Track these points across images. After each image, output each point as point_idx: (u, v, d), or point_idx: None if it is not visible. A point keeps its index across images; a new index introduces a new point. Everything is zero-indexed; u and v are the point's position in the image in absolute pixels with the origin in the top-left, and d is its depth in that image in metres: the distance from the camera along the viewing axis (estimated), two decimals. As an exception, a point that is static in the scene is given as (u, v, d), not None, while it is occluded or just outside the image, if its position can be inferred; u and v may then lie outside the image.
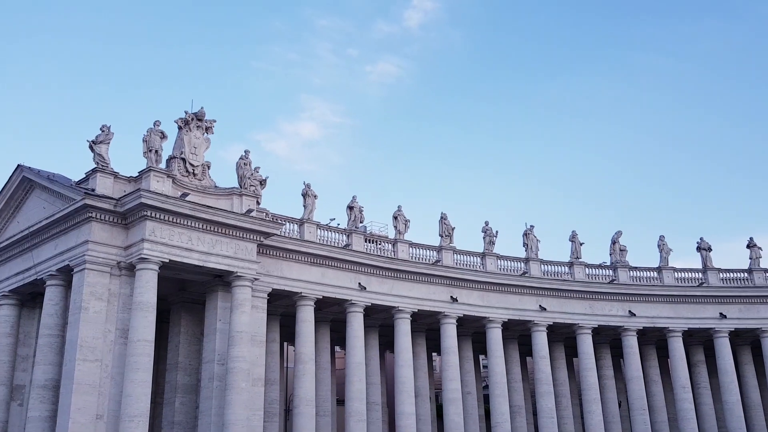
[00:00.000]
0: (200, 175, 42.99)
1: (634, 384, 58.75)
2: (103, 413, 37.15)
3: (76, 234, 39.63)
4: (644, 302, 60.00)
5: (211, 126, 43.88)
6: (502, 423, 53.80)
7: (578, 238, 61.13)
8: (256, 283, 43.28)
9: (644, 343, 62.08)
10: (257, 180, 45.50)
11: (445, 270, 53.85)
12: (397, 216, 54.50)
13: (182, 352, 44.68)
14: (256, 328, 42.99)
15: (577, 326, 58.29)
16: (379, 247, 53.54)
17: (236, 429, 39.38)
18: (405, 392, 50.95)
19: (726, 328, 60.33)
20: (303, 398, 45.98)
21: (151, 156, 40.36)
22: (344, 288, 49.29)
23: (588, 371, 58.02)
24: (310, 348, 47.25)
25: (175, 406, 43.55)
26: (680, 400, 59.05)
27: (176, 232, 39.81)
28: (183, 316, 45.68)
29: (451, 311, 53.66)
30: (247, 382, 40.74)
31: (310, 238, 48.39)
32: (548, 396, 56.44)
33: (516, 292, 56.65)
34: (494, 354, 55.29)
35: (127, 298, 39.02)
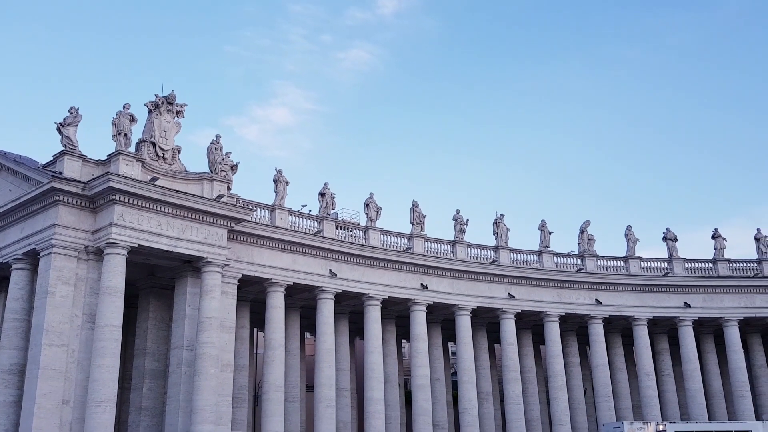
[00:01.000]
0: (170, 159, 42.49)
1: (599, 371, 59.57)
2: (70, 398, 36.82)
3: (43, 217, 39.03)
4: (611, 291, 60.73)
5: (182, 110, 43.37)
6: (469, 409, 54.29)
7: (547, 227, 61.65)
8: (226, 269, 43.02)
9: (610, 331, 62.90)
10: (228, 165, 45.13)
11: (415, 257, 54.00)
12: (368, 203, 54.47)
13: (150, 338, 44.31)
14: (225, 314, 42.79)
15: (544, 314, 58.88)
16: (350, 234, 53.46)
17: (204, 414, 39.25)
18: (374, 378, 51.15)
19: (690, 317, 61.34)
20: (272, 384, 45.93)
21: (120, 139, 39.79)
22: (315, 275, 49.19)
23: (555, 358, 58.72)
24: (279, 334, 47.18)
25: (143, 392, 43.23)
26: (644, 387, 60.00)
27: (145, 216, 39.38)
28: (151, 301, 45.26)
29: (421, 298, 53.88)
30: (216, 368, 40.57)
31: (281, 224, 48.18)
32: (515, 382, 57.04)
33: (485, 280, 57.02)
34: (463, 341, 55.68)
35: (95, 282, 38.57)
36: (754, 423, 56.02)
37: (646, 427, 53.03)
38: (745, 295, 62.38)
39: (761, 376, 64.64)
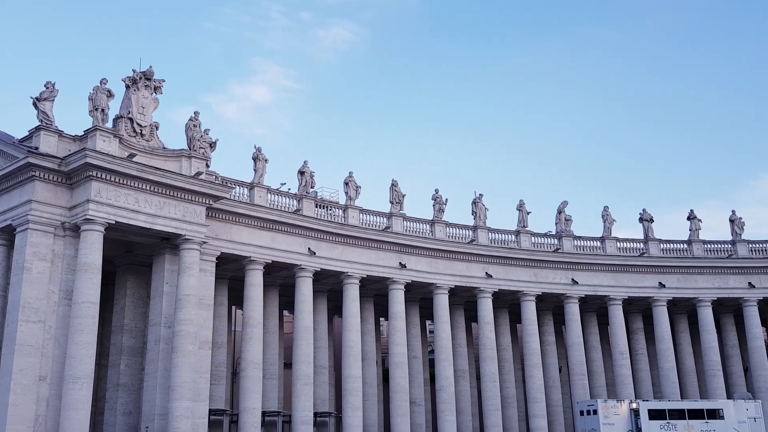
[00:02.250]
0: (148, 135, 42.17)
1: (574, 350, 60.35)
2: (47, 374, 36.74)
3: (19, 193, 38.65)
4: (587, 271, 61.39)
5: (160, 86, 42.97)
6: (446, 387, 54.87)
7: (525, 208, 62.02)
8: (205, 247, 42.95)
9: (586, 310, 63.65)
10: (207, 142, 44.86)
11: (394, 236, 54.19)
12: (348, 182, 54.47)
13: (128, 315, 44.20)
14: (203, 291, 42.79)
15: (521, 293, 59.42)
16: (329, 213, 53.47)
17: (182, 391, 39.36)
18: (352, 356, 51.49)
19: (664, 297, 62.20)
20: (250, 361, 46.09)
21: (98, 115, 39.39)
22: (294, 253, 49.23)
23: (531, 337, 59.38)
24: (258, 312, 47.28)
25: (121, 368, 43.20)
26: (618, 366, 60.91)
27: (123, 193, 39.14)
28: (129, 278, 45.08)
29: (399, 277, 54.15)
30: (194, 345, 40.64)
31: (260, 202, 48.10)
32: (491, 361, 57.65)
33: (463, 259, 57.37)
34: (440, 320, 56.11)
35: (72, 259, 38.35)
36: (725, 401, 57.07)
37: (619, 405, 53.80)
38: (718, 276, 63.32)
39: (733, 355, 65.81)
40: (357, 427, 50.14)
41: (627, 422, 52.98)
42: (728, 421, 54.50)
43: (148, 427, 40.63)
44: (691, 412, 54.80)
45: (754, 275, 63.20)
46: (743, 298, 62.99)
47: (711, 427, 54.11)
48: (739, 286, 63.08)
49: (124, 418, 42.67)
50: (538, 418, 58.04)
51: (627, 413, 53.35)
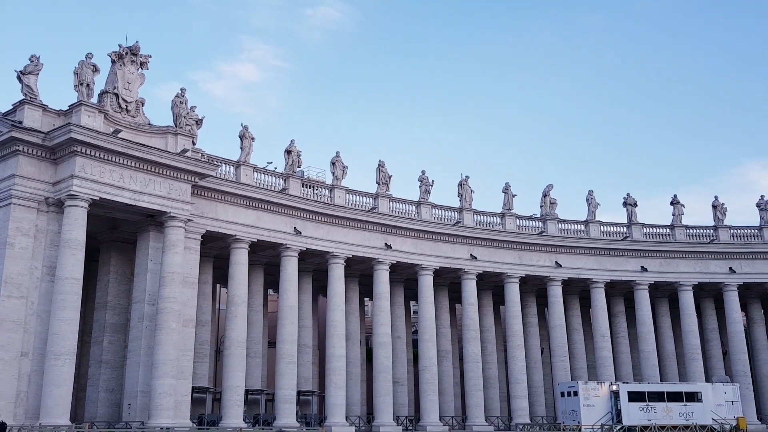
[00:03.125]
0: (134, 111, 41.62)
1: (556, 332, 60.71)
2: (29, 350, 36.42)
3: (2, 167, 38.06)
4: (570, 254, 61.67)
5: (146, 61, 42.34)
6: (429, 367, 55.06)
7: (511, 190, 62.06)
8: (190, 225, 42.63)
9: (568, 293, 63.98)
10: (193, 119, 44.34)
11: (380, 217, 54.06)
12: (335, 162, 54.18)
13: (111, 292, 43.90)
14: (188, 269, 42.53)
15: (505, 275, 59.59)
16: (315, 193, 53.19)
17: (166, 369, 39.22)
18: (336, 335, 51.50)
19: (646, 281, 62.61)
20: (234, 340, 45.98)
21: (83, 90, 38.79)
22: (279, 232, 48.99)
23: (514, 318, 59.63)
24: (242, 290, 47.08)
25: (104, 345, 42.96)
26: (599, 348, 61.36)
27: (107, 169, 38.69)
28: (113, 255, 44.73)
29: (384, 258, 54.10)
30: (177, 323, 40.45)
31: (246, 180, 47.74)
32: (474, 341, 57.89)
33: (449, 240, 57.38)
34: (425, 300, 56.19)
35: (55, 235, 37.91)
36: (703, 384, 57.67)
37: (599, 387, 54.19)
38: (700, 261, 63.75)
39: (712, 339, 66.47)
40: (340, 406, 50.26)
41: (607, 404, 53.41)
42: (706, 404, 55.07)
43: (131, 404, 40.51)
44: (670, 394, 55.29)
45: (735, 260, 63.70)
46: (724, 283, 63.51)
47: (689, 409, 54.64)
48: (720, 271, 63.55)
49: (106, 395, 42.51)
50: (520, 399, 58.48)
51: (607, 395, 53.76)
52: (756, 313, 67.29)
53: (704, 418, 54.10)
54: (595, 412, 52.51)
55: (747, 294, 66.09)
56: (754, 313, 67.37)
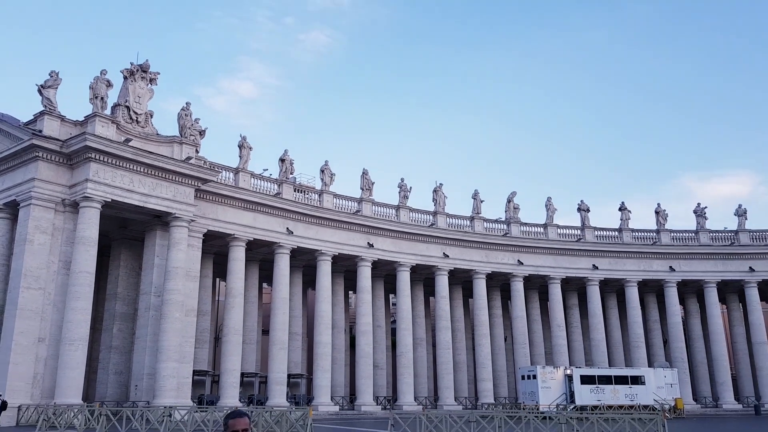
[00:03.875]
0: (143, 122, 41.05)
1: (518, 322, 60.72)
2: (45, 336, 35.79)
3: (23, 171, 37.44)
4: (531, 253, 61.72)
5: (155, 78, 41.80)
6: (405, 353, 54.84)
7: (479, 196, 62.01)
8: (193, 224, 42.10)
9: (529, 287, 64.02)
10: (197, 130, 43.84)
11: (364, 219, 53.77)
12: (323, 169, 53.82)
13: (121, 284, 43.26)
14: (190, 264, 42.00)
15: (474, 272, 59.52)
16: (306, 197, 52.86)
17: (169, 353, 38.73)
18: (323, 324, 51.12)
19: (597, 278, 62.84)
20: (232, 328, 45.47)
21: (97, 102, 38.24)
22: (273, 232, 48.57)
23: (480, 310, 59.56)
24: (239, 284, 46.60)
25: (113, 332, 42.32)
26: (555, 337, 61.47)
27: (119, 174, 38.12)
28: (123, 251, 44.10)
29: (367, 255, 53.81)
30: (180, 313, 39.92)
31: (244, 185, 47.27)
32: (446, 330, 57.75)
33: (424, 240, 57.22)
34: (402, 293, 55.97)
35: (71, 233, 37.30)
36: (646, 369, 57.90)
37: (555, 371, 54.20)
38: (644, 260, 64.10)
39: (654, 329, 66.86)
40: (326, 387, 49.90)
41: (562, 386, 53.43)
42: (648, 386, 55.27)
43: (137, 386, 39.92)
44: (617, 378, 55.41)
45: (674, 260, 64.13)
46: (665, 280, 63.89)
47: (634, 391, 54.82)
48: (661, 269, 63.96)
49: (115, 377, 41.88)
50: (485, 381, 58.43)
51: (562, 378, 53.75)
52: (692, 307, 67.78)
53: (647, 398, 54.28)
54: (552, 393, 52.50)
55: (685, 290, 66.55)
56: (691, 306, 67.86)
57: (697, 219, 66.08)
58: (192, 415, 30.63)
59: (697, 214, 66.26)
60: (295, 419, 28.47)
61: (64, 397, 34.09)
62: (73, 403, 33.31)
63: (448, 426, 26.81)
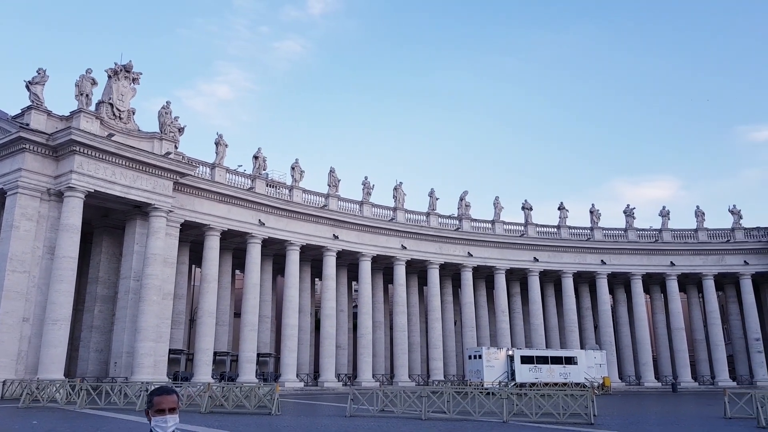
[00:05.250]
0: (126, 119, 40.14)
1: (467, 308, 61.31)
2: (30, 316, 34.84)
3: (11, 162, 36.26)
4: (480, 246, 62.33)
5: (138, 77, 40.89)
6: (365, 334, 54.93)
7: (435, 194, 62.33)
8: (171, 215, 41.40)
9: (477, 277, 64.70)
10: (176, 127, 43.02)
11: (330, 213, 53.58)
12: (294, 167, 53.44)
13: (102, 269, 42.29)
14: (168, 251, 41.30)
15: (428, 262, 59.86)
16: (277, 191, 52.39)
17: (147, 333, 38.08)
18: (291, 308, 50.84)
19: (537, 269, 63.82)
20: (206, 310, 44.89)
21: (82, 99, 37.25)
22: (246, 223, 48.05)
23: (434, 297, 59.97)
24: (214, 270, 46.00)
25: (95, 313, 41.36)
26: (500, 321, 62.26)
27: (102, 166, 37.22)
28: (104, 238, 43.09)
29: (332, 246, 53.66)
30: (158, 296, 39.25)
31: (219, 179, 46.63)
32: (402, 315, 58.00)
33: (384, 233, 57.31)
34: (364, 281, 56.00)
35: (55, 220, 36.30)
36: (579, 351, 59.02)
37: (499, 352, 54.81)
38: (579, 254, 65.32)
39: (587, 316, 68.23)
40: (292, 366, 49.65)
41: (504, 365, 54.11)
42: (580, 366, 56.33)
43: (117, 363, 39.14)
44: (553, 358, 56.27)
45: (605, 254, 65.49)
46: (597, 272, 65.22)
47: (567, 370, 55.79)
48: (594, 262, 65.25)
49: (96, 354, 40.95)
50: (436, 361, 58.89)
51: (504, 358, 54.39)
52: (620, 296, 69.42)
53: (578, 377, 55.32)
54: (495, 371, 53.13)
55: (614, 281, 68.10)
56: (619, 296, 69.48)
57: (626, 218, 67.59)
58: (167, 390, 30.18)
59: (627, 214, 67.77)
60: (263, 394, 28.33)
61: (46, 372, 33.21)
62: (55, 379, 32.49)
63: (402, 400, 26.99)
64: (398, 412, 26.24)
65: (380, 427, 21.69)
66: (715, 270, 65.39)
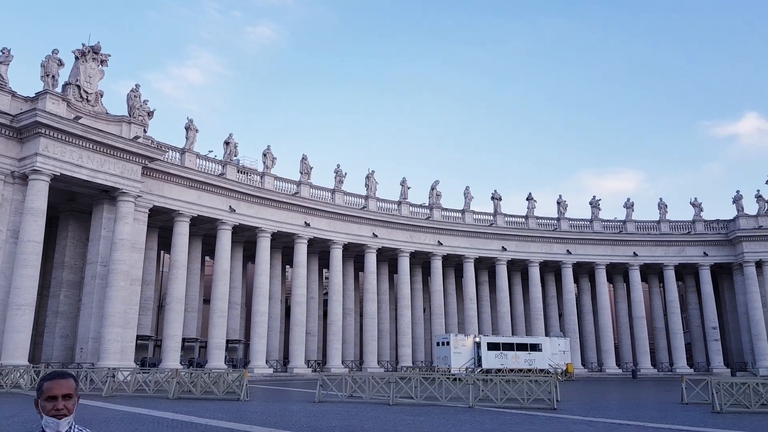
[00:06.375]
0: (93, 101, 39.12)
1: (435, 296, 61.69)
2: (-8, 302, 33.81)
3: (-28, 144, 34.98)
4: (450, 235, 62.67)
5: (106, 59, 39.83)
6: (335, 321, 54.89)
7: (407, 183, 62.36)
8: (139, 200, 40.60)
9: (447, 265, 65.09)
10: (145, 111, 42.11)
11: (301, 200, 53.21)
12: (266, 153, 52.85)
13: (68, 254, 41.32)
14: (136, 237, 40.55)
15: (399, 251, 59.98)
16: (249, 178, 51.80)
17: (114, 319, 37.39)
18: (261, 295, 50.48)
19: (505, 258, 64.48)
20: (174, 297, 44.28)
21: (48, 80, 36.14)
22: (217, 209, 47.42)
23: (404, 285, 60.14)
24: (183, 256, 45.35)
25: (60, 299, 40.45)
26: (468, 309, 62.79)
27: (68, 149, 36.24)
28: (71, 222, 42.08)
29: (304, 233, 53.35)
30: (126, 282, 38.55)
31: (190, 165, 45.85)
32: (372, 302, 58.09)
33: (356, 221, 57.17)
34: (335, 269, 55.86)
35: (19, 204, 35.26)
36: (543, 338, 59.98)
37: (466, 339, 55.33)
38: (546, 244, 66.19)
39: (552, 304, 69.32)
40: (261, 352, 49.38)
41: (471, 352, 54.66)
42: (545, 353, 57.26)
43: (83, 348, 38.39)
44: (518, 345, 57.06)
45: (571, 244, 66.50)
46: (562, 262, 66.22)
47: (532, 357, 56.64)
48: (560, 252, 66.22)
49: (61, 340, 40.10)
50: (405, 347, 59.18)
51: (471, 345, 54.92)
52: (584, 285, 70.62)
53: (543, 363, 56.23)
54: (462, 358, 53.64)
55: (579, 270, 69.23)
56: (583, 285, 70.67)
57: (591, 209, 68.63)
58: (134, 375, 29.85)
59: (592, 206, 68.82)
60: (232, 380, 28.12)
61: (10, 358, 32.41)
62: (20, 364, 31.73)
63: (370, 386, 27.07)
64: (367, 398, 26.31)
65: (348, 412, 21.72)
66: (675, 261, 66.94)
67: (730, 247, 66.51)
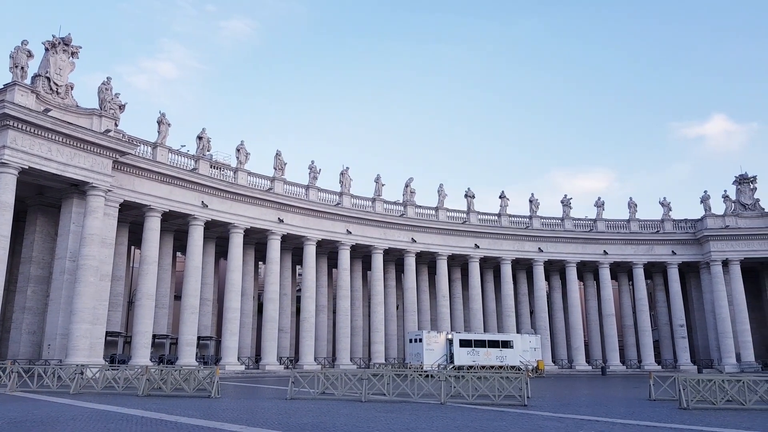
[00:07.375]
0: (63, 94, 38.43)
1: (409, 293, 62.02)
2: (-44, 298, 33.06)
3: (-65, 135, 34.10)
4: (423, 232, 63.01)
5: (77, 51, 39.15)
6: (308, 318, 54.85)
7: (381, 180, 62.52)
8: (110, 194, 40.06)
9: (420, 262, 65.40)
10: (116, 104, 41.49)
11: (275, 196, 53.00)
12: (239, 148, 52.50)
13: (36, 248, 40.59)
14: (106, 232, 40.01)
15: (373, 247, 60.14)
16: (221, 173, 51.37)
17: (83, 315, 36.88)
18: (233, 291, 50.20)
19: (478, 255, 65.08)
20: (145, 293, 43.80)
21: (17, 71, 35.42)
22: (189, 204, 46.97)
23: (377, 282, 60.33)
24: (154, 252, 44.86)
25: (27, 294, 39.74)
26: (440, 306, 63.24)
27: (37, 142, 35.58)
28: (39, 217, 41.33)
29: (277, 230, 53.17)
30: (95, 277, 38.03)
31: (161, 159, 45.33)
32: (345, 299, 58.16)
33: (330, 218, 57.13)
34: (308, 265, 55.78)
35: (-15, 197, 34.44)
36: (515, 335, 60.68)
37: (438, 336, 55.71)
38: (518, 241, 66.93)
39: (523, 301, 70.16)
40: (233, 349, 49.15)
41: (443, 348, 55.09)
42: (516, 350, 57.98)
43: (50, 345, 37.80)
44: (490, 342, 57.60)
45: (543, 242, 67.37)
46: (534, 259, 67.08)
47: (504, 353, 57.30)
48: (532, 250, 67.02)
49: (28, 336, 39.42)
50: (378, 344, 59.43)
51: (444, 342, 55.32)
52: (555, 283, 71.67)
53: (514, 360, 56.93)
54: (435, 354, 54.04)
55: (550, 268, 70.20)
56: (554, 282, 71.71)
57: (563, 208, 69.55)
58: (103, 373, 29.52)
59: (564, 204, 69.75)
60: (203, 377, 28.01)
61: (-26, 355, 31.78)
62: (-16, 362, 31.13)
63: (342, 383, 27.21)
64: (339, 395, 26.45)
65: (320, 409, 21.84)
66: (644, 259, 68.32)
67: (698, 246, 68.12)
